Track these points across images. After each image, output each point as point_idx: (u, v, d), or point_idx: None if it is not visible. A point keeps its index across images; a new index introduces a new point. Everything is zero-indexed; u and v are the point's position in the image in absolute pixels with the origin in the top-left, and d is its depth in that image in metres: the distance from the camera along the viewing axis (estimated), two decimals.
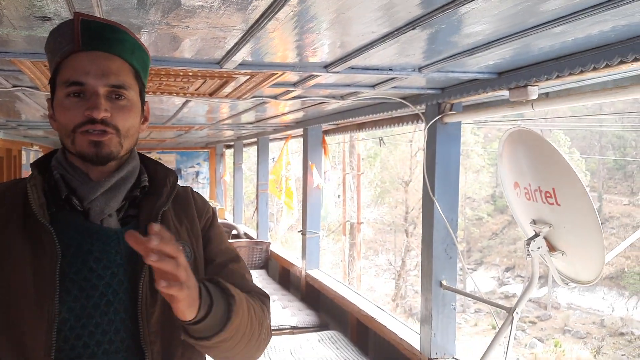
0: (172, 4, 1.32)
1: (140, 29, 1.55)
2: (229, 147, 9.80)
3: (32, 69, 2.08)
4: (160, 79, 2.20)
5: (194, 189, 1.28)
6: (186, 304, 0.86)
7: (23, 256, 0.96)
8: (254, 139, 6.99)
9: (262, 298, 1.17)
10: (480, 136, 26.11)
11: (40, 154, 9.14)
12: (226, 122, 4.91)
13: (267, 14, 1.39)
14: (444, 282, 2.89)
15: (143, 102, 1.09)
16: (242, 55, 1.83)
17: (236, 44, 1.72)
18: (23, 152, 7.50)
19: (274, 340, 3.75)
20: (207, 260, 1.16)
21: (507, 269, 25.30)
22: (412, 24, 1.49)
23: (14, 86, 2.55)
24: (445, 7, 1.33)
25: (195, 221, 1.18)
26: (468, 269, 9.58)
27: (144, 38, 1.66)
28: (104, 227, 1.03)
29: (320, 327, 4.13)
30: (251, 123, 5.08)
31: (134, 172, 1.09)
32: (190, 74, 2.11)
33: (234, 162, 8.35)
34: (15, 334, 0.94)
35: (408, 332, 3.23)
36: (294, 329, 4.03)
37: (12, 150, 7.16)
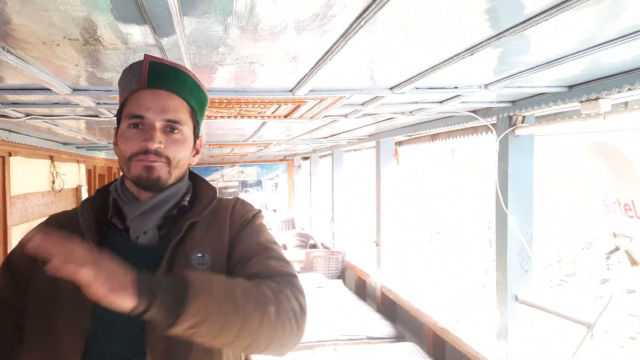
0: (248, 48, 1.49)
1: (222, 66, 1.73)
2: (305, 158, 10.08)
3: None
4: (240, 106, 2.40)
5: (273, 200, 1.37)
6: (102, 290, 0.85)
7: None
8: (329, 151, 7.17)
9: (282, 278, 1.09)
10: None
11: None
12: (302, 137, 5.10)
13: (333, 48, 1.52)
14: (519, 296, 2.86)
15: (196, 137, 1.19)
16: (312, 83, 1.98)
17: (306, 74, 1.86)
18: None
19: (350, 349, 3.84)
20: (236, 260, 1.16)
21: (604, 281, 23.71)
22: (476, 47, 1.56)
23: (114, 116, 2.86)
24: (512, 29, 1.37)
25: (225, 229, 1.19)
26: (561, 280, 9.19)
27: (226, 72, 1.85)
28: (140, 243, 1.11)
29: (396, 338, 4.17)
30: (325, 137, 5.25)
31: (177, 194, 1.17)
32: (267, 100, 2.28)
33: (309, 174, 8.57)
34: (52, 344, 1.02)
35: (484, 346, 3.22)
36: (370, 339, 4.09)
37: (112, 168, 7.82)
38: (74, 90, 2.08)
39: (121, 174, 1.21)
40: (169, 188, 1.15)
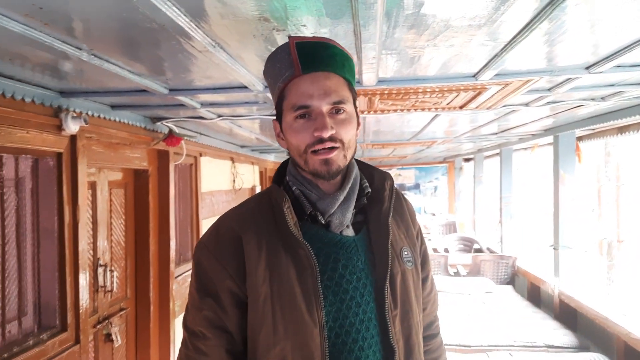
0: (442, 27, 1.47)
1: (410, 50, 1.74)
2: (467, 160, 9.72)
3: None
4: (417, 96, 2.39)
5: (432, 203, 1.34)
6: None
7: (288, 272, 1.06)
8: (496, 151, 6.82)
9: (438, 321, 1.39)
10: None
11: None
12: (468, 134, 4.93)
13: (528, 27, 1.43)
14: None
15: (357, 110, 1.14)
16: (499, 66, 1.89)
17: (495, 55, 1.78)
18: None
19: (527, 356, 3.60)
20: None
21: None
22: None
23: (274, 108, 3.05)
24: None
25: (410, 227, 1.24)
26: None
27: (407, 58, 1.85)
28: (344, 236, 1.12)
29: (578, 348, 3.80)
30: (494, 134, 5.00)
31: (357, 180, 1.16)
32: (445, 89, 2.24)
33: (473, 175, 8.23)
34: (298, 341, 1.04)
35: None
36: (549, 348, 3.79)
37: None
38: (265, 86, 2.25)
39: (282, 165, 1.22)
40: (349, 175, 1.14)
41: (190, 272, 3.37)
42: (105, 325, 3.03)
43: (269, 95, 2.41)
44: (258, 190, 6.48)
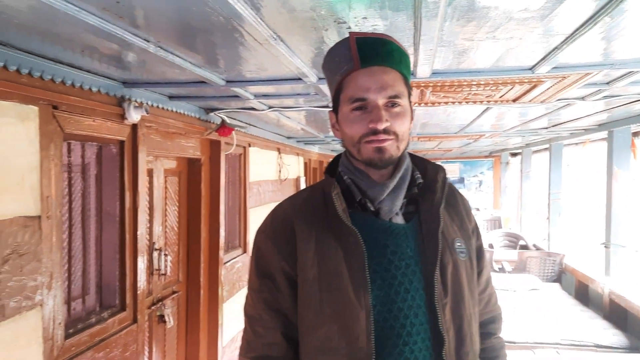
0: (503, 19, 1.47)
1: (468, 42, 1.74)
2: (514, 154, 9.51)
3: None
4: (470, 89, 2.38)
5: (476, 198, 1.32)
6: None
7: (336, 256, 1.10)
8: (545, 145, 6.65)
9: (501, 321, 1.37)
10: None
11: None
12: (517, 128, 4.84)
13: (590, 20, 1.41)
14: None
15: (411, 104, 1.17)
16: (557, 59, 1.86)
17: (555, 48, 1.76)
18: None
19: (574, 354, 3.54)
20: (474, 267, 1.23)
21: None
22: None
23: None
24: None
25: (465, 221, 1.24)
26: None
27: (461, 51, 1.85)
28: (393, 223, 1.14)
29: (629, 349, 3.71)
30: (545, 128, 4.89)
31: (408, 171, 1.18)
32: (500, 81, 2.22)
33: (521, 170, 8.06)
34: (344, 323, 1.07)
35: None
36: (598, 347, 3.71)
37: (323, 162, 8.42)
38: (319, 79, 2.29)
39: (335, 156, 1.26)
40: (400, 165, 1.16)
41: (237, 259, 3.46)
42: (158, 306, 3.16)
43: (322, 86, 2.45)
44: (302, 181, 6.55)
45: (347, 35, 1.15)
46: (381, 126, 1.06)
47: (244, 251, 4.43)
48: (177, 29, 1.62)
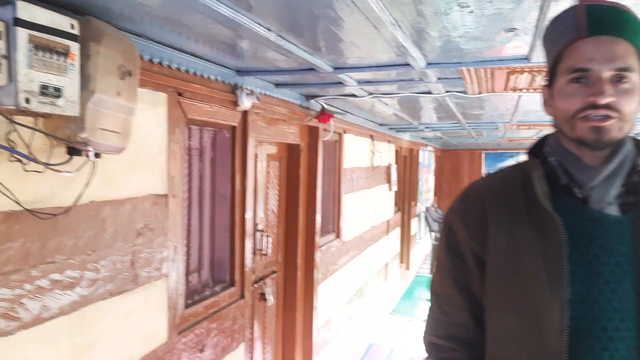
0: None
1: None
2: None
3: (472, 76, 2.46)
4: None
5: None
6: None
7: (530, 242, 1.01)
8: None
9: None
10: None
11: (432, 155, 10.30)
12: None
13: None
14: None
15: None
16: None
17: None
18: (420, 152, 8.63)
19: None
20: None
21: None
22: None
23: (447, 92, 3.05)
24: None
25: None
26: None
27: None
28: (606, 214, 1.00)
29: None
30: None
31: (628, 157, 1.04)
32: None
33: None
34: (533, 314, 0.99)
35: None
36: None
37: (413, 151, 8.34)
38: (427, 64, 2.28)
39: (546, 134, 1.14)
40: (620, 150, 1.02)
41: (330, 243, 3.53)
42: (260, 285, 3.32)
43: (428, 71, 2.44)
44: (394, 169, 6.53)
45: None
46: (602, 100, 0.93)
47: (337, 236, 4.52)
48: (296, 18, 1.70)
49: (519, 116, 4.59)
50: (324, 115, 3.53)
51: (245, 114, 2.71)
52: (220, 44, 2.04)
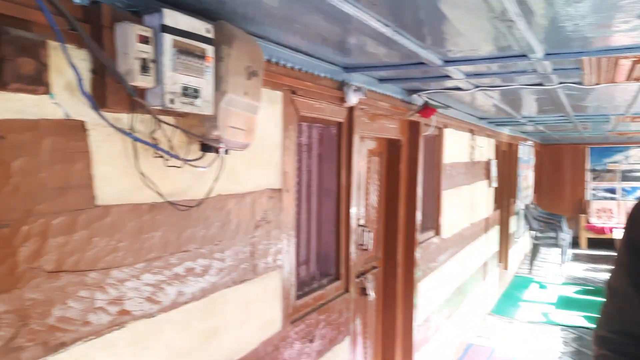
0: None
1: None
2: None
3: (592, 66, 2.32)
4: None
5: None
6: None
7: None
8: None
9: None
10: None
11: (532, 150, 9.81)
12: None
13: None
14: None
15: None
16: None
17: None
18: (519, 147, 8.25)
19: None
20: None
21: None
22: None
23: (560, 83, 2.89)
24: None
25: None
26: None
27: None
28: None
29: None
30: None
31: None
32: None
33: None
34: None
35: None
36: None
37: (512, 145, 7.99)
38: (546, 54, 2.18)
39: None
40: None
41: (430, 240, 3.48)
42: (361, 280, 3.35)
43: (545, 62, 2.33)
44: (493, 164, 6.29)
45: None
46: None
47: (437, 233, 4.44)
48: (414, 13, 1.69)
49: (637, 107, 4.25)
50: (426, 109, 3.48)
51: (351, 110, 2.74)
52: (330, 42, 2.08)
